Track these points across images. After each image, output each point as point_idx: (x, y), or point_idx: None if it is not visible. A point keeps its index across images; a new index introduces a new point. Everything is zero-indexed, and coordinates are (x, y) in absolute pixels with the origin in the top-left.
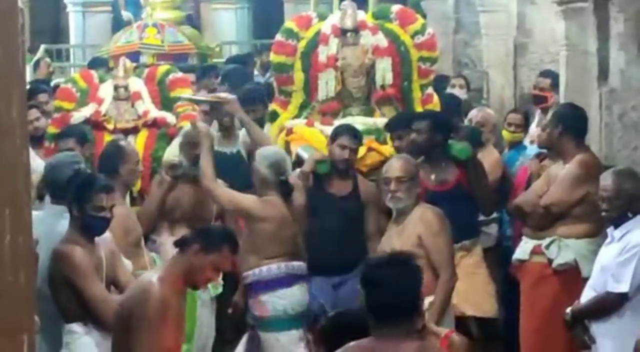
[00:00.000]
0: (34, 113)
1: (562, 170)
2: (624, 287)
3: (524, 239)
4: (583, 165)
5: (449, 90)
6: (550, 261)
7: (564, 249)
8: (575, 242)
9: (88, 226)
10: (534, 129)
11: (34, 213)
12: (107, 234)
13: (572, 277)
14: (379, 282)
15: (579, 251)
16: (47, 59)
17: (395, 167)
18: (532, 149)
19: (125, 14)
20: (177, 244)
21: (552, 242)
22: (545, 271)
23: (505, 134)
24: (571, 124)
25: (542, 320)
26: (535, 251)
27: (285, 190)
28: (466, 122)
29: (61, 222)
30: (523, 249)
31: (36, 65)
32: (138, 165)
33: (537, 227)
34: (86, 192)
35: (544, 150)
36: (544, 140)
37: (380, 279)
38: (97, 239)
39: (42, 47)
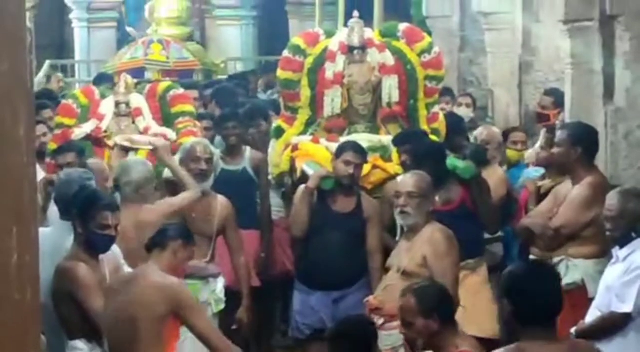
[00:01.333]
0: (41, 129)
1: (572, 192)
2: (627, 307)
3: (532, 258)
4: (593, 187)
5: (455, 109)
6: None
7: (572, 269)
8: (584, 263)
9: (92, 243)
10: (532, 150)
11: (41, 230)
12: (114, 250)
13: (579, 297)
14: (526, 291)
15: (586, 271)
16: (59, 74)
17: (408, 182)
18: (531, 171)
19: (131, 30)
20: (153, 244)
21: (560, 261)
22: None
23: (510, 152)
24: (588, 146)
25: None
26: None
27: None
28: (472, 140)
29: (69, 238)
30: None
31: (47, 80)
32: (107, 183)
33: (547, 249)
34: (91, 209)
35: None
36: (553, 159)
37: (526, 287)
38: (101, 255)
39: (47, 62)
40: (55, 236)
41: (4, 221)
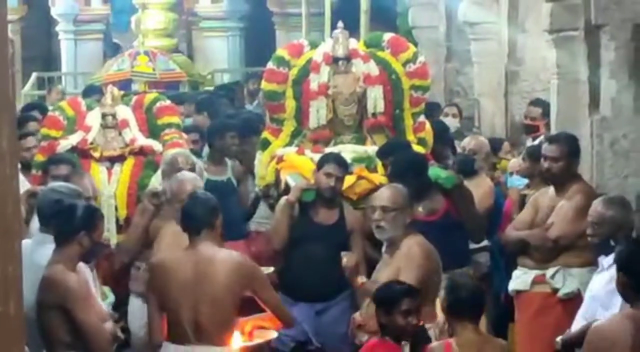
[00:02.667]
0: (31, 141)
1: (566, 202)
2: None
3: (522, 269)
4: (586, 196)
5: (442, 118)
6: (554, 290)
7: (568, 278)
8: (579, 271)
9: (92, 253)
10: (515, 159)
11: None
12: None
13: (575, 306)
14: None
15: (582, 280)
16: (59, 86)
17: (382, 196)
18: (514, 180)
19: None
20: (201, 225)
21: (556, 271)
22: (548, 301)
23: (505, 163)
24: (578, 156)
25: (544, 349)
26: (537, 281)
27: None
28: (459, 150)
29: (39, 251)
30: (522, 279)
31: (48, 92)
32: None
33: (543, 260)
34: (95, 220)
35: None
36: (550, 172)
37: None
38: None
39: (34, 75)
40: (36, 247)
41: None
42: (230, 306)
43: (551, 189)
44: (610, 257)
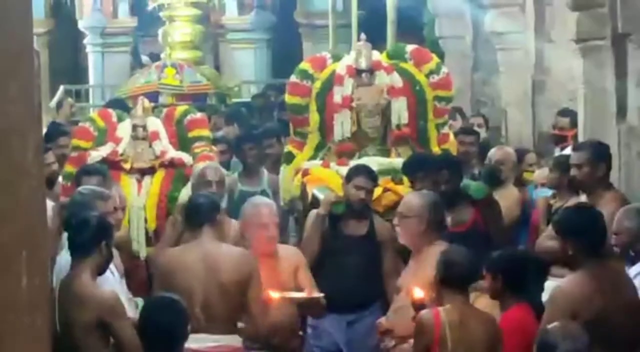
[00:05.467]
0: (49, 157)
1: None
2: None
3: (555, 280)
4: (621, 205)
5: None
6: None
7: None
8: None
9: (107, 263)
10: (542, 171)
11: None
12: None
13: None
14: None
15: None
16: (70, 99)
17: (402, 202)
18: (539, 192)
19: (146, 59)
20: (203, 220)
21: None
22: None
23: (527, 174)
24: (609, 162)
25: None
26: None
27: None
28: (486, 160)
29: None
30: None
31: (59, 105)
32: (118, 213)
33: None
34: (111, 229)
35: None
36: (576, 180)
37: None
38: None
39: (62, 87)
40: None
41: (14, 244)
42: (237, 295)
43: (582, 198)
44: (636, 267)
